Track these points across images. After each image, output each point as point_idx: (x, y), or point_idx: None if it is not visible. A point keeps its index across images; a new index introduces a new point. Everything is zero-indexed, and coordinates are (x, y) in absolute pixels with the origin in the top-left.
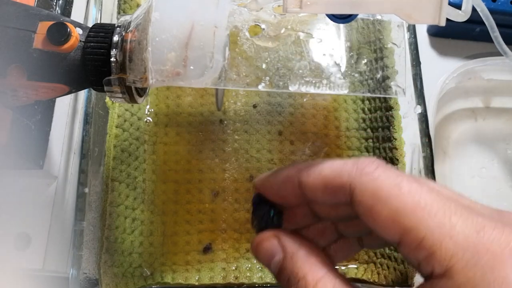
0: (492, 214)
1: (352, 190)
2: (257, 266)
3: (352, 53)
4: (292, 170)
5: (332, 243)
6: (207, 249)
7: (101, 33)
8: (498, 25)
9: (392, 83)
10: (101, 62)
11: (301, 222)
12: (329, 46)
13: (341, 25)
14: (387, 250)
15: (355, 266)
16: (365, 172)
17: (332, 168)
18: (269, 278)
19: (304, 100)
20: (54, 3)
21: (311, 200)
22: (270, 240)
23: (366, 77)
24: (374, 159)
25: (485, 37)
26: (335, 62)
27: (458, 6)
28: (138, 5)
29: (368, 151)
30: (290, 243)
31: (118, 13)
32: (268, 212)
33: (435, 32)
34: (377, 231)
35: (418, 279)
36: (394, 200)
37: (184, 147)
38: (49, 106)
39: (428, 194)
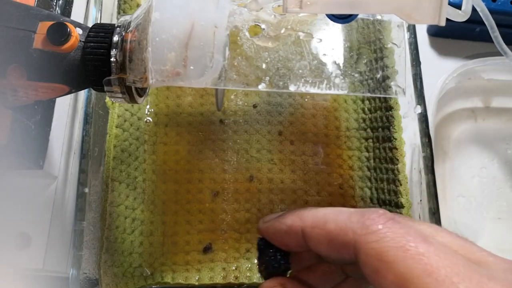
0: (506, 272)
1: (357, 250)
2: (257, 266)
3: (352, 53)
4: (295, 219)
5: (340, 283)
6: (207, 249)
7: (101, 33)
8: (498, 25)
9: (392, 83)
10: (101, 62)
11: (307, 263)
12: (329, 46)
13: (341, 25)
14: None
15: None
16: (370, 231)
17: (336, 223)
18: None
19: (304, 100)
20: (54, 3)
21: (314, 250)
22: None
23: (366, 77)
24: (381, 212)
25: (485, 37)
26: (335, 62)
27: (458, 6)
28: (138, 5)
29: (368, 151)
30: None
31: (118, 13)
32: (274, 256)
33: (435, 32)
34: None
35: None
36: (400, 265)
37: (184, 147)
38: (49, 106)
39: (436, 256)
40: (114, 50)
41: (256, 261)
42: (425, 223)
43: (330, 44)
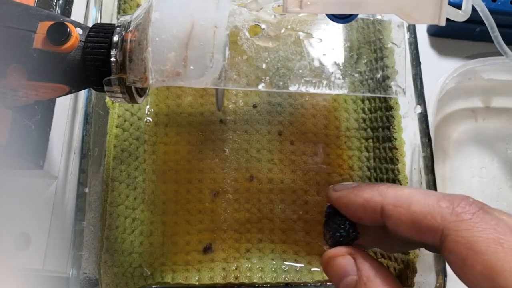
0: None
1: (445, 237)
2: (257, 266)
3: (352, 53)
4: (375, 194)
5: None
6: (207, 249)
7: (101, 33)
8: (498, 25)
9: (392, 83)
10: (101, 62)
11: (372, 236)
12: (329, 46)
13: (341, 25)
14: None
15: None
16: (461, 218)
17: (424, 205)
18: (269, 278)
19: (304, 100)
20: (54, 3)
21: (390, 229)
22: (346, 258)
23: (366, 77)
24: (471, 201)
25: (485, 37)
26: (335, 62)
27: (458, 6)
28: (138, 5)
29: (368, 151)
30: (367, 267)
31: (118, 13)
32: (343, 224)
33: (435, 32)
34: (465, 282)
35: (418, 279)
36: (491, 257)
37: (184, 147)
38: (49, 106)
39: None
40: (114, 50)
41: (255, 261)
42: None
43: (330, 44)
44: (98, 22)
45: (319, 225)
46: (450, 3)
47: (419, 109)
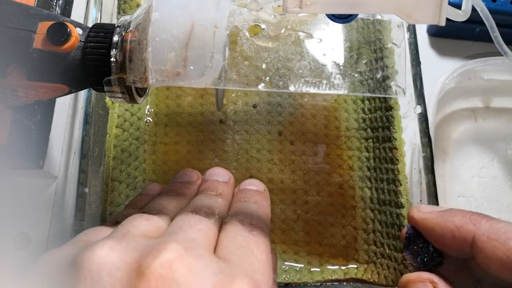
0: None
1: None
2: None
3: (352, 53)
4: (466, 221)
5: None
6: None
7: (101, 33)
8: (498, 25)
9: (392, 83)
10: (101, 62)
11: (450, 269)
12: (329, 46)
13: (341, 25)
14: (387, 250)
15: (355, 266)
16: None
17: None
18: None
19: (304, 100)
20: (54, 3)
21: (479, 269)
22: (426, 286)
23: (366, 77)
24: None
25: (485, 37)
26: (335, 62)
27: (458, 6)
28: (138, 5)
29: (368, 151)
30: None
31: (118, 13)
32: (426, 248)
33: (435, 32)
34: None
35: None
36: None
37: (184, 147)
38: (49, 106)
39: None
40: (114, 50)
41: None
42: None
43: (330, 44)
44: (98, 22)
45: (319, 225)
46: (450, 3)
47: (419, 109)
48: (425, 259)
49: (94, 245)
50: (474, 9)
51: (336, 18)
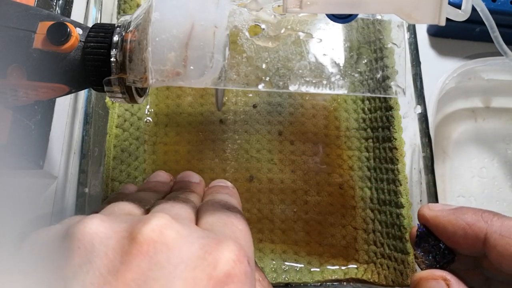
0: None
1: None
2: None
3: (352, 53)
4: (479, 219)
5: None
6: None
7: (101, 33)
8: (498, 25)
9: (392, 83)
10: (101, 62)
11: (462, 267)
12: (329, 46)
13: (341, 25)
14: (387, 250)
15: (355, 266)
16: None
17: None
18: (269, 278)
19: (304, 100)
20: (54, 3)
21: (491, 267)
22: (439, 283)
23: (366, 77)
24: None
25: (485, 37)
26: (335, 62)
27: (458, 6)
28: (138, 5)
29: (368, 151)
30: None
31: (118, 13)
32: (437, 245)
33: (435, 32)
34: None
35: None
36: None
37: (184, 147)
38: (49, 106)
39: None
40: (114, 50)
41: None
42: None
43: (330, 44)
44: (98, 22)
45: (319, 225)
46: (450, 3)
47: (419, 109)
48: (437, 257)
49: (84, 219)
50: (474, 9)
51: (336, 18)
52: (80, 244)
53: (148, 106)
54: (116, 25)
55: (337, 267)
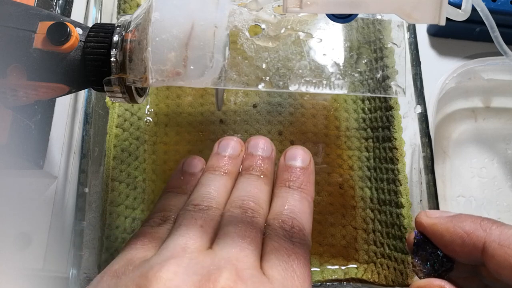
0: None
1: None
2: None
3: (352, 53)
4: (477, 227)
5: None
6: None
7: (101, 33)
8: (498, 25)
9: (392, 83)
10: (101, 62)
11: (459, 275)
12: (329, 46)
13: (341, 25)
14: (387, 250)
15: (355, 266)
16: None
17: None
18: None
19: (304, 100)
20: (54, 3)
21: (489, 276)
22: None
23: (366, 77)
24: None
25: (485, 37)
26: (335, 62)
27: (458, 6)
28: (138, 5)
29: (368, 151)
30: None
31: (118, 13)
32: (435, 253)
33: (435, 32)
34: None
35: (417, 279)
36: None
37: (184, 147)
38: (49, 106)
39: None
40: (114, 50)
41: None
42: None
43: (330, 44)
44: (98, 22)
45: (319, 225)
46: (450, 3)
47: (419, 109)
48: (435, 265)
49: (157, 269)
50: (474, 9)
51: (336, 18)
52: None
53: (148, 106)
54: (116, 25)
55: (337, 267)
